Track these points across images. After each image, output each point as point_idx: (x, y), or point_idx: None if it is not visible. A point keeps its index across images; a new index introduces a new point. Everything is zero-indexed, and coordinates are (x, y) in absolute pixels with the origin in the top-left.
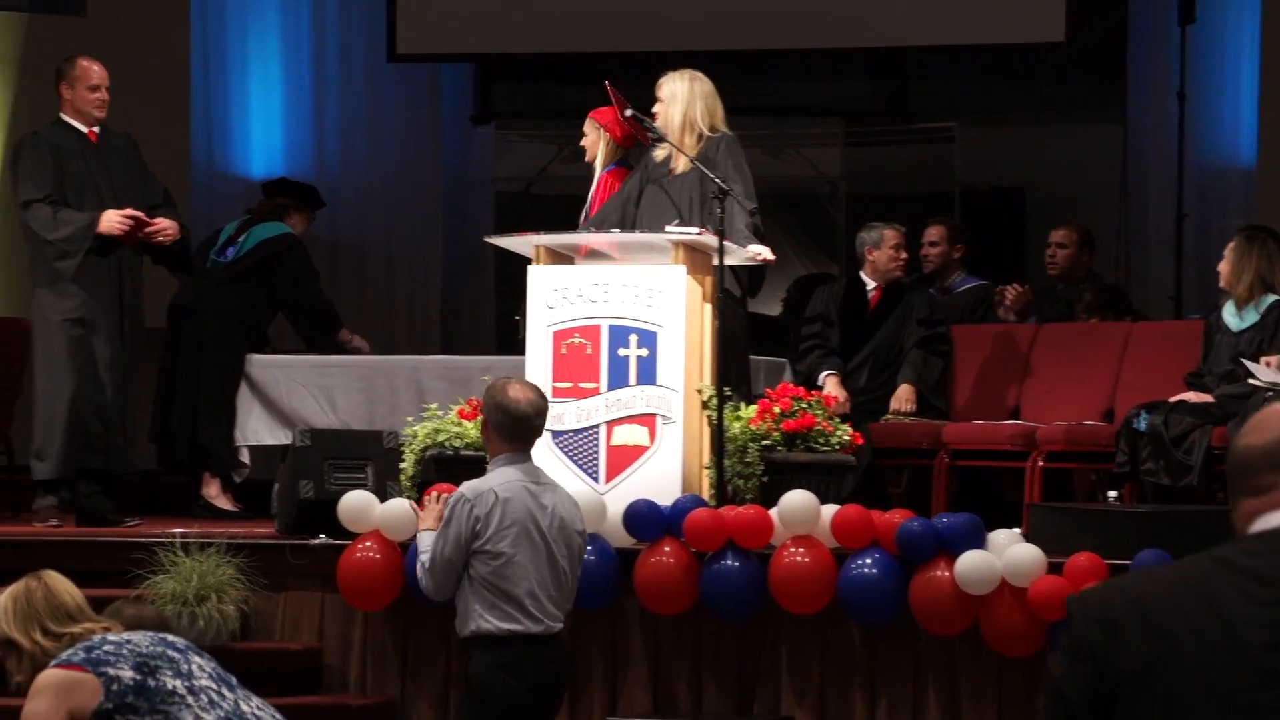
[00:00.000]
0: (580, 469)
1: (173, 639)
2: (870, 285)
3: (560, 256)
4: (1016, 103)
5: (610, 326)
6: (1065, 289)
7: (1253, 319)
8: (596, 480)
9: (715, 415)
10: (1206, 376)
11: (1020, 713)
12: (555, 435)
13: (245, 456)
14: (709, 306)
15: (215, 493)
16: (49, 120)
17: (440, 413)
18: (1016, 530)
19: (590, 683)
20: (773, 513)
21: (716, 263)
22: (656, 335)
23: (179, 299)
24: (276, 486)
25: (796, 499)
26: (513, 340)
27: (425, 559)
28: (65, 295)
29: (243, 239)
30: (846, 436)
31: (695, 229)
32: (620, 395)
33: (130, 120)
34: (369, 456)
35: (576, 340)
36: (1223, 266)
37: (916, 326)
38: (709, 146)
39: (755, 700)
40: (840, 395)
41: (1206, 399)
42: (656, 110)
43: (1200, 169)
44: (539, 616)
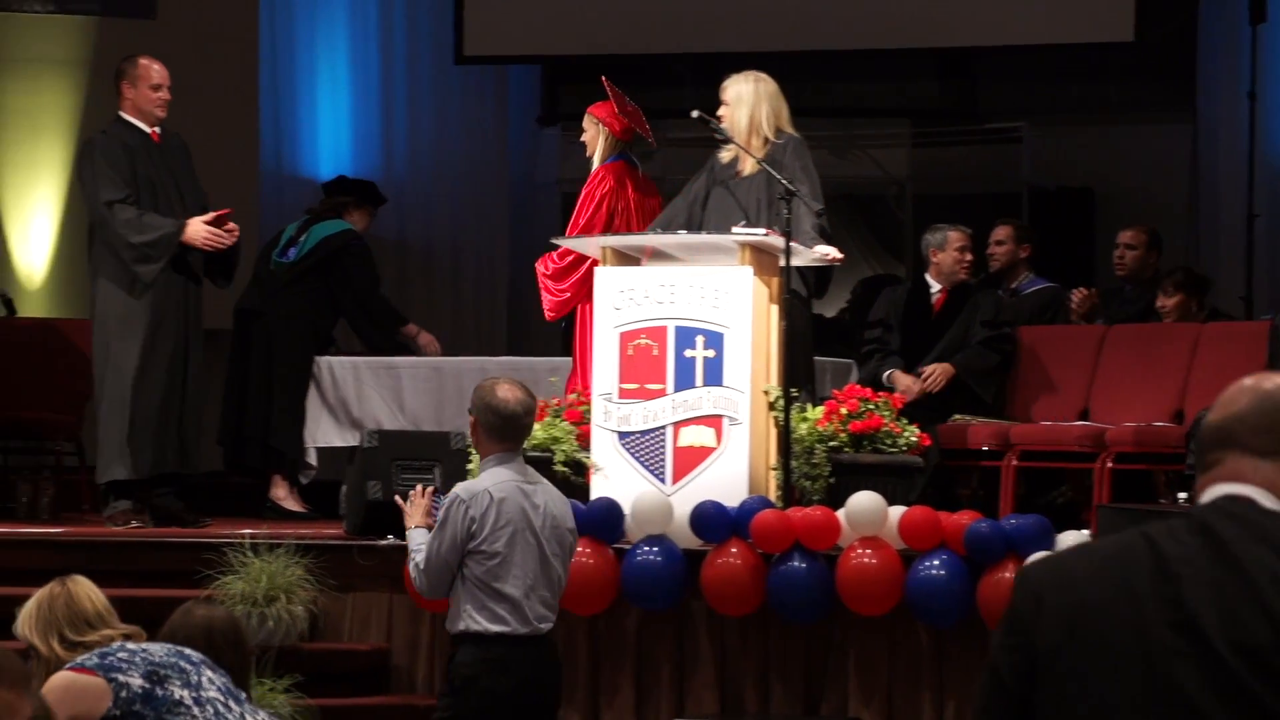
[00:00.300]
0: (647, 470)
1: (189, 652)
2: (935, 288)
3: (627, 258)
4: (1085, 103)
5: (677, 328)
6: (1133, 290)
7: None
8: (663, 481)
9: (782, 416)
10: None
11: None
12: (622, 436)
13: (313, 458)
14: (775, 307)
15: (284, 494)
16: (110, 119)
17: None
18: (1085, 532)
19: (657, 684)
20: (840, 514)
21: (783, 264)
22: (723, 336)
23: (244, 302)
24: (345, 488)
25: (864, 500)
26: None
27: (419, 559)
28: (136, 297)
29: (304, 239)
30: (914, 438)
31: (762, 230)
32: (687, 396)
33: (199, 123)
34: (437, 457)
35: (643, 341)
36: None
37: (980, 327)
38: (776, 149)
39: (822, 702)
40: (908, 381)
41: None
42: (722, 112)
43: (1271, 169)
44: (528, 617)
